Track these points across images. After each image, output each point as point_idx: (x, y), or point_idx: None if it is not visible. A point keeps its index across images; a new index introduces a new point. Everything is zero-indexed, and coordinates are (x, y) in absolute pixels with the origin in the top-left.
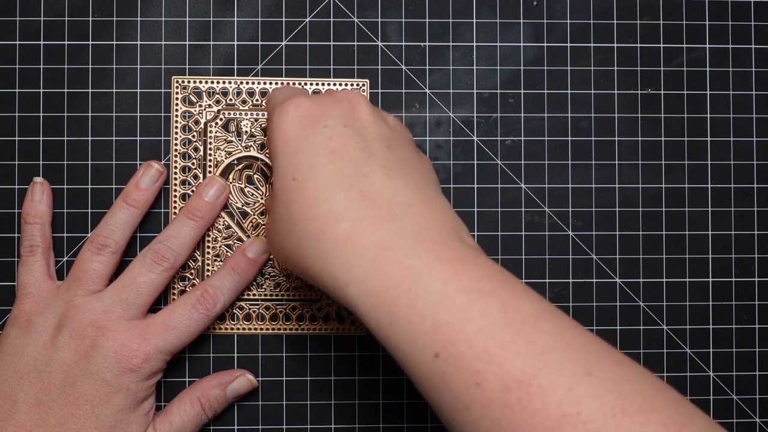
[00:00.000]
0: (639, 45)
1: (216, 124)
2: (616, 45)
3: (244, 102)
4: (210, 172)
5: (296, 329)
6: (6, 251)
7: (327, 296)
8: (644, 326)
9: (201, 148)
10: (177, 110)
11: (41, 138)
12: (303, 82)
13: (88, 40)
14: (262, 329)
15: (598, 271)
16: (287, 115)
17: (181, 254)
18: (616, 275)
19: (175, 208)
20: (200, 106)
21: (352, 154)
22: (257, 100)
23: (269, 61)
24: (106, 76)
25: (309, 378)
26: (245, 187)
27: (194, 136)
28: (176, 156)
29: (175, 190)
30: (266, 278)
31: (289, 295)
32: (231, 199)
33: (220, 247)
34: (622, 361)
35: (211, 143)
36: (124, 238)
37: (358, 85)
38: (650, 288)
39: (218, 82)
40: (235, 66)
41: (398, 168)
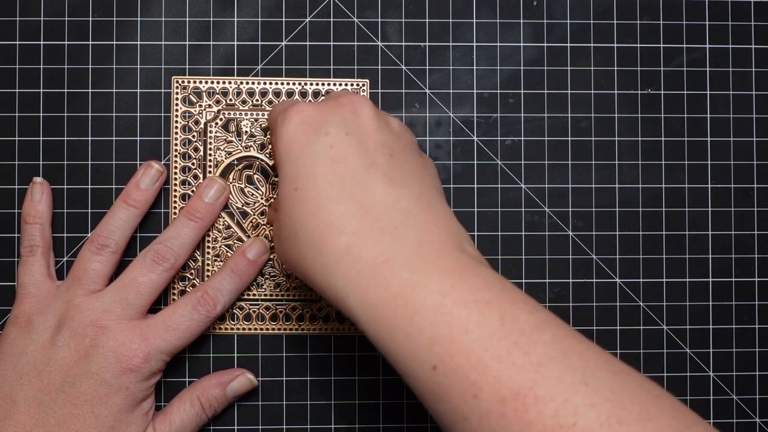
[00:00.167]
0: (639, 45)
1: (216, 124)
2: (616, 45)
3: (244, 102)
4: (210, 172)
5: (296, 329)
6: (6, 251)
7: None
8: (644, 326)
9: (201, 148)
10: (177, 110)
11: (41, 138)
12: (303, 82)
13: (88, 40)
14: (262, 329)
15: (598, 271)
16: (290, 122)
17: (182, 255)
18: (616, 275)
19: (175, 209)
20: (200, 106)
21: (354, 163)
22: (257, 100)
23: (269, 61)
24: (106, 76)
25: (309, 378)
26: (245, 187)
27: (194, 136)
28: (176, 156)
29: (175, 190)
30: (266, 278)
31: (289, 295)
32: (231, 199)
33: (220, 248)
34: (621, 370)
35: (211, 143)
36: (124, 238)
37: (358, 85)
38: (650, 288)
39: (218, 82)
40: (235, 66)
41: (400, 177)
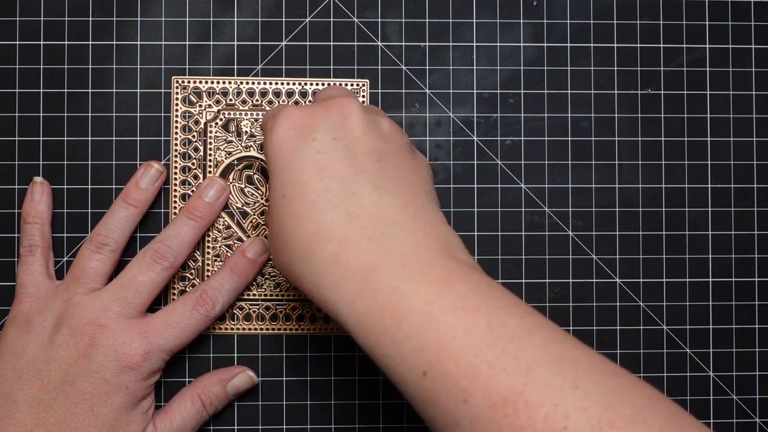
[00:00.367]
0: (639, 45)
1: (216, 124)
2: (616, 45)
3: (244, 102)
4: (210, 172)
5: (296, 329)
6: (6, 251)
7: None
8: (644, 326)
9: (201, 148)
10: (177, 110)
11: (41, 138)
12: (303, 82)
13: (88, 40)
14: (262, 329)
15: (598, 271)
16: (279, 128)
17: (181, 254)
18: (616, 275)
19: (175, 208)
20: (200, 106)
21: (340, 170)
22: (257, 100)
23: (269, 61)
24: (106, 76)
25: (309, 378)
26: (245, 187)
27: (194, 136)
28: (176, 156)
29: (175, 190)
30: (266, 278)
31: (289, 295)
32: (231, 199)
33: (220, 247)
34: (614, 373)
35: (211, 143)
36: (124, 237)
37: (358, 85)
38: (650, 288)
39: (218, 82)
40: (235, 66)
41: (386, 184)
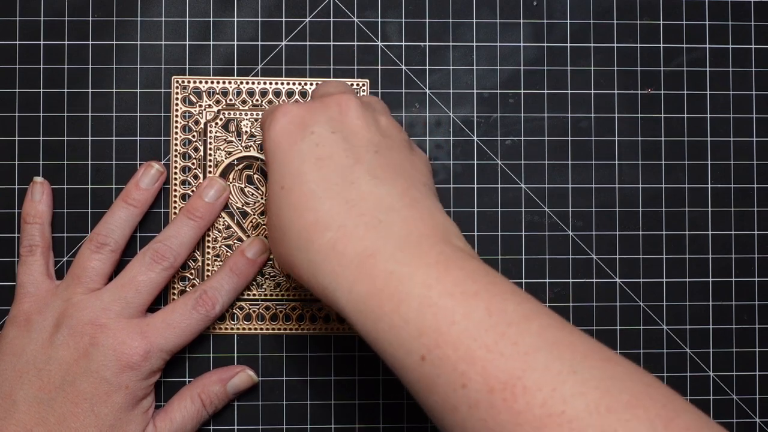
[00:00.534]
0: (639, 45)
1: (216, 124)
2: (616, 45)
3: (244, 102)
4: (210, 172)
5: (296, 329)
6: (6, 251)
7: None
8: (644, 326)
9: (201, 148)
10: (177, 110)
11: (41, 138)
12: (303, 82)
13: (88, 40)
14: (262, 329)
15: (598, 271)
16: (277, 123)
17: (181, 254)
18: (616, 275)
19: (175, 208)
20: (200, 106)
21: (339, 161)
22: (257, 100)
23: (269, 61)
24: (106, 76)
25: (309, 378)
26: (245, 187)
27: (194, 136)
28: (176, 156)
29: (175, 190)
30: (266, 278)
31: (289, 295)
32: (231, 199)
33: (220, 247)
34: (611, 359)
35: (211, 143)
36: (124, 237)
37: (359, 85)
38: (650, 288)
39: (218, 82)
40: (235, 66)
41: (385, 173)
